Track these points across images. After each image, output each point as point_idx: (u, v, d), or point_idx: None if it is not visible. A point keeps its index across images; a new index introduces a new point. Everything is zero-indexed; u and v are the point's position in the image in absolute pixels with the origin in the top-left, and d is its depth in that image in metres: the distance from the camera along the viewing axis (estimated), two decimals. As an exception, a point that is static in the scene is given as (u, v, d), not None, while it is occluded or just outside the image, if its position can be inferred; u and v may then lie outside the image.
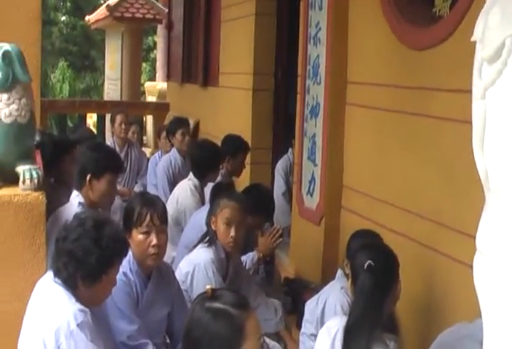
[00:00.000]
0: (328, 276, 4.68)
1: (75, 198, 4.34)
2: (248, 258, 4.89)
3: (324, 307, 4.02)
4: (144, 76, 25.47)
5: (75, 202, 4.31)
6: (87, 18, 20.36)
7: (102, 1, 24.55)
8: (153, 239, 3.73)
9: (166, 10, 13.93)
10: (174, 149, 7.51)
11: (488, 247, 1.58)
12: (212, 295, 2.57)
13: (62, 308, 2.95)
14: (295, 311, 5.13)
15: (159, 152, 8.38)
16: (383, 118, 4.84)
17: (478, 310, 1.68)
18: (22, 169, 3.45)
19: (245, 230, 4.50)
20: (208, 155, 5.96)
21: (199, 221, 4.79)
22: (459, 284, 3.71)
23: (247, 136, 7.31)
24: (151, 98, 16.18)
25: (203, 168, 5.95)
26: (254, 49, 7.79)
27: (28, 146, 3.59)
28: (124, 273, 3.66)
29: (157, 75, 20.16)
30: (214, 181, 5.90)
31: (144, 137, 13.60)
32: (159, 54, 19.13)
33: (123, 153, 7.91)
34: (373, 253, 3.46)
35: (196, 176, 5.97)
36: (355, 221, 5.13)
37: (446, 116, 4.01)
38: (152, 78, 24.95)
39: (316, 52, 5.73)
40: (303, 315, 4.22)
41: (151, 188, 7.44)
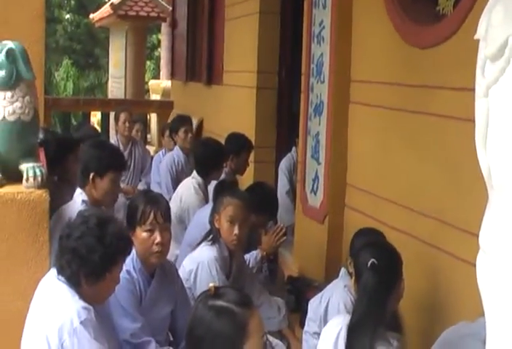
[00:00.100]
0: (331, 274, 4.68)
1: (78, 196, 4.34)
2: (251, 256, 4.88)
3: (328, 305, 4.01)
4: (148, 74, 25.48)
5: (78, 200, 4.32)
6: (91, 16, 20.40)
7: (106, 0, 24.56)
8: (157, 237, 3.74)
9: (170, 8, 13.94)
10: (177, 147, 7.51)
11: (491, 245, 1.58)
12: (215, 293, 2.57)
13: (65, 306, 2.95)
14: (299, 309, 5.13)
15: (163, 150, 8.37)
16: (387, 116, 4.83)
17: (481, 309, 1.68)
18: (25, 167, 3.45)
19: (248, 228, 4.49)
20: (212, 153, 5.96)
21: (203, 219, 4.79)
22: (462, 282, 3.71)
23: (251, 134, 7.31)
24: (155, 96, 16.18)
25: (206, 166, 5.94)
26: (258, 48, 7.79)
27: (32, 144, 3.60)
28: (128, 271, 3.66)
29: (161, 73, 20.19)
30: (217, 179, 5.90)
31: (148, 135, 13.60)
32: (163, 52, 19.15)
33: (127, 151, 7.91)
34: (376, 251, 3.46)
35: (200, 174, 5.97)
36: (358, 219, 5.13)
37: (449, 114, 4.01)
38: (156, 76, 24.97)
39: (320, 51, 5.73)
40: (306, 313, 4.22)
41: (155, 186, 7.44)
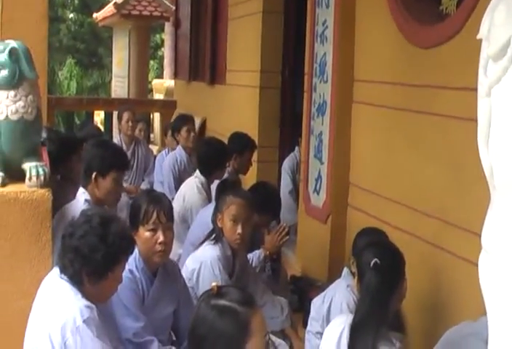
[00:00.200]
0: (334, 274, 4.68)
1: (81, 196, 4.35)
2: (254, 256, 4.88)
3: (330, 305, 4.01)
4: (151, 74, 25.49)
5: (81, 199, 4.32)
6: (95, 15, 20.39)
7: (109, -1, 24.57)
8: (160, 236, 3.74)
9: (173, 8, 13.94)
10: (179, 146, 7.49)
11: (493, 245, 1.58)
12: (218, 292, 2.57)
13: (68, 304, 2.95)
14: (302, 309, 5.12)
15: (166, 149, 8.36)
16: (390, 116, 4.83)
17: (484, 308, 1.68)
18: (28, 166, 3.46)
19: (251, 228, 4.49)
20: (214, 153, 5.95)
21: (206, 218, 4.79)
22: (465, 282, 3.70)
23: (254, 134, 7.31)
24: (158, 96, 16.19)
25: (209, 166, 5.94)
26: (261, 47, 7.79)
27: (35, 143, 3.60)
28: (130, 270, 3.66)
29: (164, 72, 20.16)
30: (220, 179, 5.89)
31: (151, 135, 13.60)
32: (166, 51, 19.14)
33: (130, 151, 7.91)
34: (379, 251, 3.46)
35: (203, 173, 5.96)
36: (361, 219, 5.13)
37: (452, 114, 4.00)
38: (159, 75, 24.96)
39: (323, 50, 5.73)
40: (309, 313, 4.22)
41: (158, 186, 7.43)
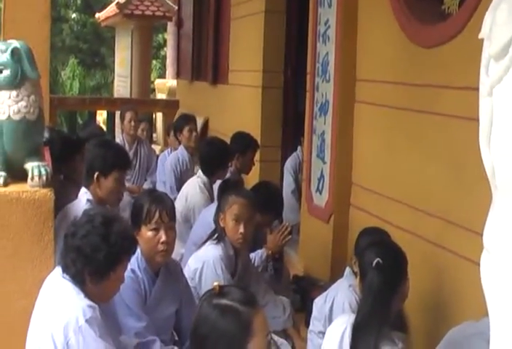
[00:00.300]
0: (337, 274, 4.68)
1: (83, 195, 4.34)
2: (257, 255, 4.88)
3: (332, 304, 4.01)
4: (154, 74, 25.50)
5: (83, 199, 4.32)
6: (97, 15, 20.40)
7: (112, -1, 24.59)
8: (162, 236, 3.73)
9: (175, 7, 13.95)
10: (181, 146, 7.48)
11: (495, 245, 1.57)
12: (220, 292, 2.57)
13: (70, 304, 2.95)
14: (304, 309, 5.13)
15: (169, 149, 8.36)
16: (392, 115, 4.83)
17: (486, 308, 1.67)
18: (30, 166, 3.46)
19: (254, 227, 4.49)
20: (217, 152, 5.95)
21: (208, 218, 4.79)
22: (467, 282, 3.70)
23: (256, 133, 7.31)
24: (161, 95, 16.20)
25: (212, 165, 5.94)
26: (263, 47, 7.79)
27: (37, 143, 3.60)
28: (132, 270, 3.66)
29: (167, 72, 20.20)
30: (223, 178, 5.89)
31: (153, 135, 13.60)
32: (169, 51, 19.17)
33: (132, 151, 7.90)
34: (381, 251, 3.45)
35: (205, 173, 5.96)
36: (364, 218, 5.13)
37: (454, 114, 4.00)
38: (162, 75, 24.99)
39: (325, 50, 5.73)
40: (312, 312, 4.22)
41: (161, 186, 7.43)
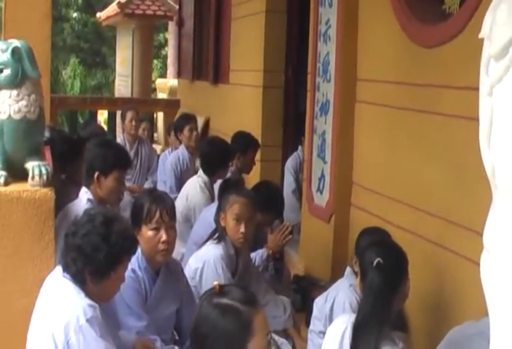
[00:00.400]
0: (337, 274, 4.68)
1: (84, 195, 4.34)
2: (257, 255, 4.88)
3: (333, 304, 4.01)
4: (155, 73, 25.49)
5: (84, 198, 4.32)
6: (98, 15, 20.42)
7: (113, -2, 24.58)
8: (163, 235, 3.74)
9: (176, 7, 13.95)
10: (182, 146, 7.49)
11: (495, 245, 1.57)
12: (220, 291, 2.57)
13: (71, 303, 2.95)
14: (304, 309, 5.12)
15: (170, 149, 8.36)
16: (393, 115, 4.83)
17: (487, 308, 1.67)
18: (31, 165, 3.46)
19: (254, 227, 4.49)
20: (218, 152, 5.95)
21: (209, 217, 4.79)
22: (468, 282, 3.70)
23: (257, 133, 7.31)
24: (162, 95, 16.20)
25: (213, 165, 5.94)
26: (264, 47, 7.79)
27: (38, 142, 3.60)
28: (133, 270, 3.66)
29: (168, 72, 20.20)
30: (223, 178, 5.89)
31: (154, 134, 13.60)
32: (170, 51, 19.17)
33: (133, 150, 7.91)
34: (382, 250, 3.46)
35: (206, 173, 5.97)
36: (364, 218, 5.13)
37: (455, 114, 4.00)
38: (163, 75, 24.98)
39: (326, 50, 5.73)
40: (312, 312, 4.22)
41: (161, 185, 7.42)
